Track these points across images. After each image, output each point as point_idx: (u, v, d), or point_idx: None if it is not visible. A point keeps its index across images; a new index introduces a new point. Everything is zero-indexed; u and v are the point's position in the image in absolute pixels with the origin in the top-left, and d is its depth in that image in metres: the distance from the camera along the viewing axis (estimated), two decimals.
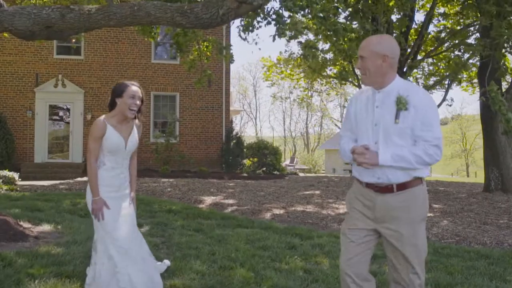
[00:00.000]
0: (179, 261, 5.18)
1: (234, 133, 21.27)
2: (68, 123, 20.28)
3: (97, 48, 20.10)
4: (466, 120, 62.62)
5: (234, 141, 20.94)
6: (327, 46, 24.19)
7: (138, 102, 3.92)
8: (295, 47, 29.16)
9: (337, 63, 24.87)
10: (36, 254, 4.69)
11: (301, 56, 18.84)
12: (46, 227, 6.45)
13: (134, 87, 3.92)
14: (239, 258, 5.47)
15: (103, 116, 3.95)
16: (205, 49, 13.76)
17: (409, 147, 2.97)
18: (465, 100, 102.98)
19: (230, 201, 11.22)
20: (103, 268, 3.75)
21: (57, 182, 15.33)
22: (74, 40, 19.40)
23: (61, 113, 20.62)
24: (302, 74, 28.59)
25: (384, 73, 3.07)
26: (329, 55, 24.99)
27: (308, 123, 70.60)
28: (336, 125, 68.32)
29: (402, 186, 3.03)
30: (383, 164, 2.97)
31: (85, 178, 16.66)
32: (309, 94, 31.51)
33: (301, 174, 27.18)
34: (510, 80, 14.70)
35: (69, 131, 20.07)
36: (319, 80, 27.91)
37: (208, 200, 11.35)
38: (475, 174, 58.48)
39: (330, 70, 25.99)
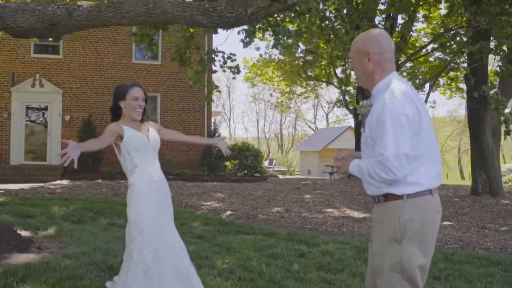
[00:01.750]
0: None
1: (217, 135, 20.96)
2: (46, 124, 19.66)
3: (76, 47, 19.56)
4: (438, 122, 63.45)
5: None
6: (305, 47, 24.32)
7: (142, 103, 3.83)
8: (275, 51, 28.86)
9: (319, 65, 24.97)
10: (47, 267, 4.38)
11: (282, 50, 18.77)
12: (44, 236, 6.12)
13: (136, 88, 3.85)
14: (255, 268, 5.26)
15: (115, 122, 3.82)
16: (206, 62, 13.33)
17: (372, 159, 2.66)
18: (437, 103, 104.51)
19: (222, 206, 10.99)
20: (135, 279, 3.53)
21: (36, 185, 14.84)
22: (50, 39, 18.92)
23: (38, 114, 19.99)
24: (282, 77, 28.59)
25: (371, 72, 2.76)
26: (310, 57, 25.10)
27: (282, 124, 70.66)
28: (309, 126, 68.59)
29: (382, 199, 2.73)
30: (352, 173, 2.76)
31: (65, 181, 16.19)
32: (289, 96, 31.42)
33: (280, 176, 27.08)
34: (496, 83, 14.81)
35: (46, 133, 19.47)
36: (298, 82, 27.97)
37: (199, 204, 11.10)
38: (447, 175, 59.39)
39: (310, 72, 26.09)
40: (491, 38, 13.09)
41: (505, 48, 12.55)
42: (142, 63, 20.45)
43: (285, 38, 12.52)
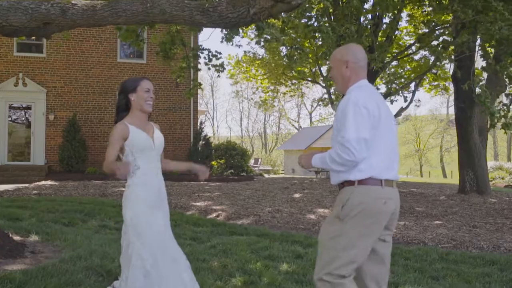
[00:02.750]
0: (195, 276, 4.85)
1: (203, 134, 20.82)
2: (29, 123, 19.34)
3: (60, 46, 19.27)
4: (420, 121, 63.99)
5: (202, 142, 20.52)
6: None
7: (153, 96, 3.73)
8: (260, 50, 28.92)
9: (305, 63, 24.96)
10: (44, 273, 4.27)
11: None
12: (36, 239, 5.98)
13: (147, 81, 3.73)
14: (255, 271, 5.19)
15: (123, 122, 3.67)
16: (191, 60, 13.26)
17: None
18: (421, 101, 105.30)
19: (212, 206, 10.90)
20: (136, 284, 3.45)
21: (21, 186, 14.59)
22: (33, 38, 18.59)
23: (21, 113, 19.65)
24: (266, 75, 28.51)
25: (348, 77, 3.20)
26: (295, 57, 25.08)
27: (266, 123, 70.63)
28: (293, 125, 68.65)
29: (341, 186, 3.10)
30: (315, 166, 3.10)
31: (50, 182, 15.96)
32: (273, 95, 31.31)
33: (266, 175, 27.06)
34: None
35: (30, 132, 19.14)
36: (282, 81, 27.91)
37: (189, 205, 11.00)
38: (429, 174, 59.99)
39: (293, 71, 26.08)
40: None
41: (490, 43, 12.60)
42: (127, 62, 20.22)
43: (268, 36, 12.59)
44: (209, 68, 13.96)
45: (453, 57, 13.99)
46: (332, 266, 2.95)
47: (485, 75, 14.42)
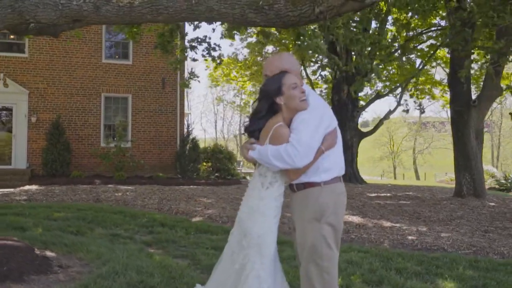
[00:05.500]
0: None
1: (190, 137, 20.43)
2: (10, 126, 18.61)
3: (42, 46, 18.62)
4: (394, 123, 64.63)
5: (189, 145, 20.12)
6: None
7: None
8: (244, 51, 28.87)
9: None
10: None
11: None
12: (55, 252, 5.59)
13: (289, 74, 3.20)
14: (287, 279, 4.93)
15: (280, 121, 3.17)
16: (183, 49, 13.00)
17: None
18: (392, 105, 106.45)
19: (216, 212, 10.58)
20: None
21: (5, 191, 13.99)
22: (12, 36, 17.94)
23: (2, 115, 18.91)
24: (248, 77, 28.34)
25: None
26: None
27: (241, 125, 70.30)
28: None
29: (302, 187, 3.19)
30: (252, 157, 3.15)
31: (34, 186, 15.37)
32: (256, 97, 31.11)
33: (249, 178, 26.79)
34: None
35: (11, 135, 18.43)
36: None
37: (191, 210, 10.66)
38: (403, 176, 60.56)
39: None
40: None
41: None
42: (112, 63, 19.68)
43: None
44: (206, 60, 13.92)
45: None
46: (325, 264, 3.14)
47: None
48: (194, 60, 14.52)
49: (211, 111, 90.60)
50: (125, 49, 19.95)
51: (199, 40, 12.96)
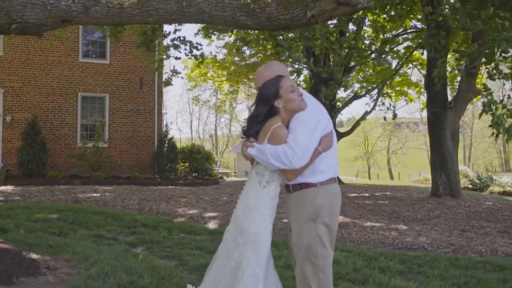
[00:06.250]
0: None
1: (169, 137, 20.32)
2: None
3: (18, 44, 18.30)
4: (369, 124, 65.36)
5: (167, 145, 20.02)
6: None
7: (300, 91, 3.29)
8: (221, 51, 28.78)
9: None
10: None
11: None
12: (41, 253, 5.54)
13: (285, 77, 3.28)
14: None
15: (278, 122, 3.25)
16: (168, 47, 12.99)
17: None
18: (367, 105, 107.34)
19: (198, 212, 10.59)
20: None
21: None
22: None
23: None
24: (226, 77, 28.31)
25: None
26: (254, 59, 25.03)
27: (217, 125, 70.25)
28: (244, 128, 68.41)
29: (298, 187, 3.27)
30: (251, 154, 3.21)
31: (10, 187, 15.12)
32: (233, 97, 31.11)
33: (226, 178, 26.82)
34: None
35: None
36: (246, 82, 27.79)
37: (172, 211, 10.64)
38: (377, 176, 61.25)
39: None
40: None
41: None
42: (89, 62, 19.44)
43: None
44: (189, 58, 14.13)
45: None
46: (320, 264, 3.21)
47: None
48: (177, 58, 14.49)
49: (186, 110, 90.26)
50: (102, 48, 19.74)
51: (181, 39, 12.98)
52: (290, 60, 16.76)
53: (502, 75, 11.12)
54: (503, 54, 10.26)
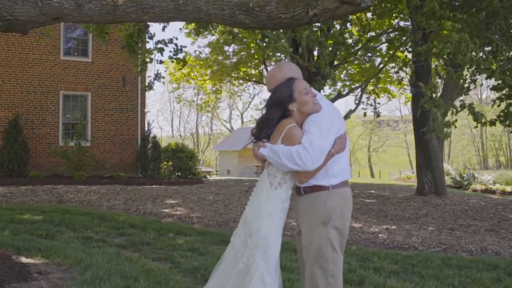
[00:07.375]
0: None
1: (152, 136, 20.11)
2: None
3: None
4: (349, 122, 65.72)
5: (150, 144, 19.82)
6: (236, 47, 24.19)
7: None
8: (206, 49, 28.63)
9: (250, 65, 24.91)
10: None
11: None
12: (30, 257, 5.39)
13: (298, 79, 3.23)
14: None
15: (293, 123, 3.19)
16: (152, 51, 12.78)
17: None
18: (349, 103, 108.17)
19: (185, 212, 10.47)
20: None
21: None
22: None
23: None
24: (209, 76, 28.16)
25: None
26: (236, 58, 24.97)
27: (198, 123, 69.95)
28: (225, 126, 68.44)
29: (309, 190, 3.21)
30: (263, 154, 3.16)
31: None
32: (216, 96, 30.97)
33: (209, 177, 26.66)
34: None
35: None
36: (231, 81, 27.68)
37: (159, 211, 10.50)
38: (358, 173, 61.65)
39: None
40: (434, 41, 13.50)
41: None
42: (71, 60, 19.12)
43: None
44: (172, 61, 13.96)
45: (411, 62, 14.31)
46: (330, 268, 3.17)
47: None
48: (160, 62, 14.23)
49: (167, 109, 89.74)
50: (84, 46, 19.44)
51: (165, 42, 12.78)
52: (277, 54, 16.57)
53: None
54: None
